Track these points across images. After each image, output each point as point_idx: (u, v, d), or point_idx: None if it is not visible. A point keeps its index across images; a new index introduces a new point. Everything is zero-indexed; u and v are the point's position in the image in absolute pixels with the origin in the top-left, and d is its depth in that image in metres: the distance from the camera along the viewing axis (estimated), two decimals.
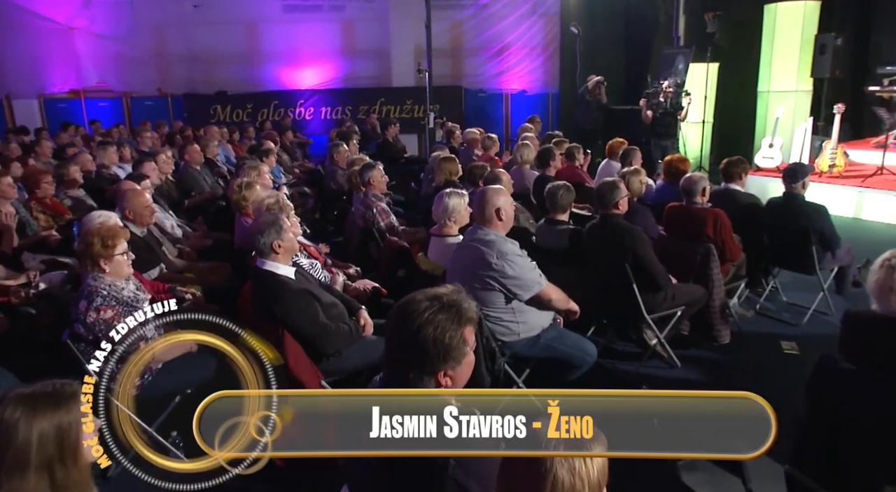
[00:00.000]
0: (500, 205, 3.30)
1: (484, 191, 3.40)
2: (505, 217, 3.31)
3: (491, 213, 3.29)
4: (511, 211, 3.37)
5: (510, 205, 3.38)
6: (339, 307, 3.25)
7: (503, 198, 3.34)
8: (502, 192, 3.38)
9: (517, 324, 3.30)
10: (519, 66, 12.99)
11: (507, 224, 3.35)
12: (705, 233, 4.23)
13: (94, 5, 12.35)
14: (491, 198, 3.32)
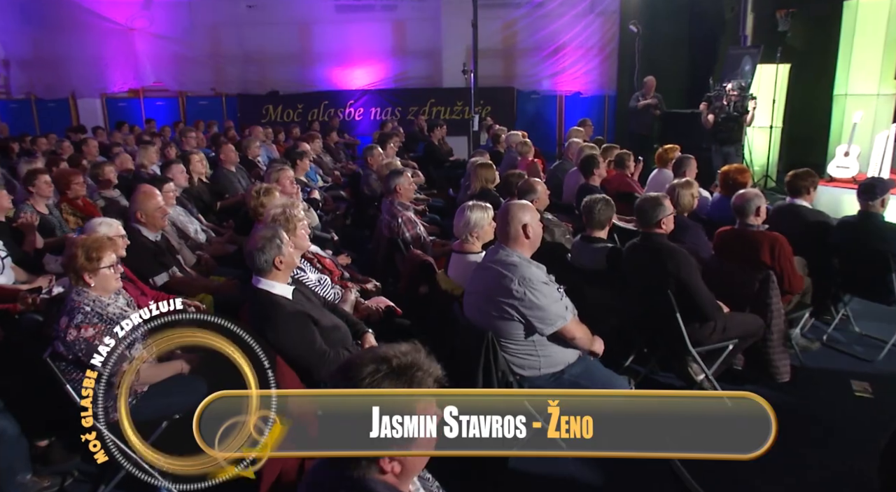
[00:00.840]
0: (526, 221, 2.94)
1: (508, 205, 3.05)
2: (532, 235, 2.95)
3: (516, 230, 2.94)
4: (539, 229, 3.01)
5: (538, 222, 3.01)
6: (341, 331, 2.97)
7: (530, 214, 2.98)
8: (529, 208, 3.01)
9: (538, 358, 2.94)
10: (574, 67, 12.48)
11: (535, 244, 2.99)
12: (761, 260, 3.74)
13: (153, 6, 12.60)
14: (516, 214, 2.96)
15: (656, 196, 3.47)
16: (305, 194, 5.97)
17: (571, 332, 2.89)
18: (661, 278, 3.36)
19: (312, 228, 5.06)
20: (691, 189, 4.35)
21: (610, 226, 3.92)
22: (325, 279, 3.50)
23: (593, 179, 5.37)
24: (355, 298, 3.52)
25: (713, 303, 3.40)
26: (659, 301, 3.39)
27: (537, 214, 3.03)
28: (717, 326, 3.50)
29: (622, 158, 6.29)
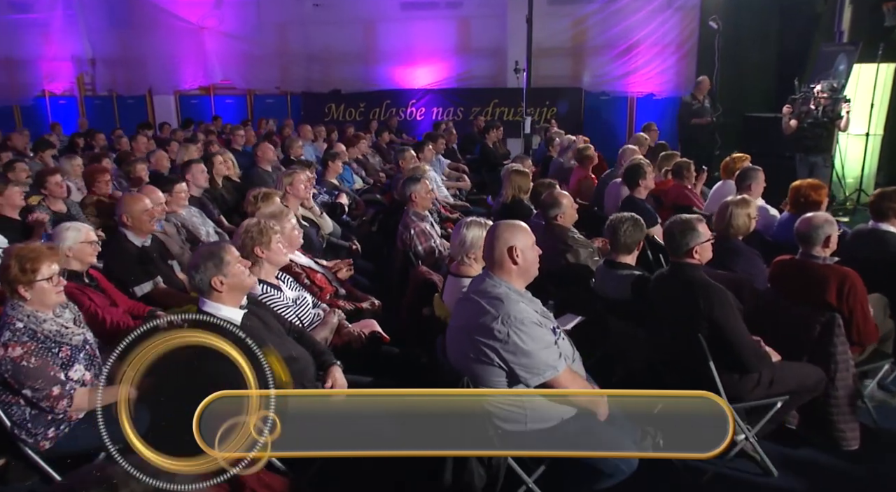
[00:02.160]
0: (512, 244, 2.46)
1: (495, 225, 2.58)
2: (521, 261, 2.47)
3: (500, 254, 2.47)
4: (532, 255, 2.51)
5: (531, 246, 2.52)
6: (300, 363, 2.60)
7: (520, 236, 2.49)
8: (519, 228, 2.52)
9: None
10: (648, 67, 11.63)
11: (525, 272, 2.51)
12: (826, 299, 3.07)
13: (224, 5, 12.81)
14: (501, 234, 2.50)
15: (688, 219, 2.88)
16: (331, 198, 5.68)
17: (563, 385, 2.39)
18: (691, 318, 2.78)
19: (328, 236, 4.75)
20: (748, 208, 3.69)
21: (639, 250, 3.35)
22: (305, 299, 3.14)
23: (639, 191, 4.75)
24: (338, 321, 3.14)
25: (755, 351, 2.79)
26: (689, 344, 2.81)
27: (531, 237, 2.53)
28: (762, 379, 2.88)
29: (681, 167, 5.61)
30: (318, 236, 4.61)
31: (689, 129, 9.00)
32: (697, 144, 8.63)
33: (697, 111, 8.88)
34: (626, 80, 11.87)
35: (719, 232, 3.80)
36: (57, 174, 4.94)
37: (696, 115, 8.87)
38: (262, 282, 2.97)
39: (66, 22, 13.78)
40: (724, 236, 3.75)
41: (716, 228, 3.83)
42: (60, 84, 14.40)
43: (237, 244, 3.01)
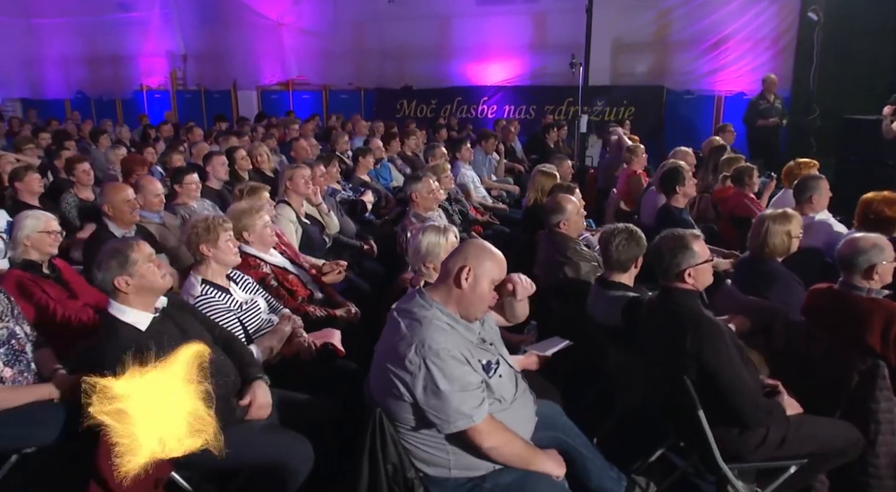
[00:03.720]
0: (469, 265, 2.06)
1: (467, 241, 2.21)
2: (468, 286, 2.05)
3: (450, 269, 2.09)
4: (486, 287, 2.06)
5: (492, 279, 2.09)
6: (215, 377, 2.34)
7: (487, 263, 2.08)
8: (489, 256, 2.10)
9: (446, 455, 2.07)
10: (739, 63, 10.62)
11: (469, 301, 2.08)
12: (867, 341, 2.45)
13: (302, 2, 13.01)
14: (465, 250, 2.13)
15: (681, 235, 2.35)
16: (356, 195, 5.46)
17: (481, 439, 1.99)
18: (677, 357, 2.28)
19: (336, 235, 4.54)
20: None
21: (637, 268, 2.84)
22: (256, 303, 2.89)
23: (676, 199, 4.17)
24: (290, 329, 2.88)
25: (755, 402, 2.24)
26: (676, 388, 2.31)
27: (496, 270, 2.10)
28: (770, 437, 2.33)
29: (742, 173, 4.94)
30: (322, 235, 4.39)
31: (755, 131, 8.12)
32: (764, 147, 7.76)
33: (764, 111, 8.00)
34: (714, 77, 10.92)
35: (752, 251, 3.23)
36: (85, 162, 5.03)
37: (762, 116, 7.99)
38: (206, 282, 2.76)
39: (162, 20, 14.55)
40: (759, 257, 3.17)
41: (749, 245, 3.26)
42: (156, 79, 15.27)
43: (183, 241, 2.83)
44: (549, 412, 2.55)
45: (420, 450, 2.08)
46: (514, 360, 2.75)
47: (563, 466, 2.17)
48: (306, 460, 2.29)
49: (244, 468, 2.37)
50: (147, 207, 4.01)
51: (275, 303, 3.08)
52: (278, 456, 2.27)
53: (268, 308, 2.99)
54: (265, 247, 3.31)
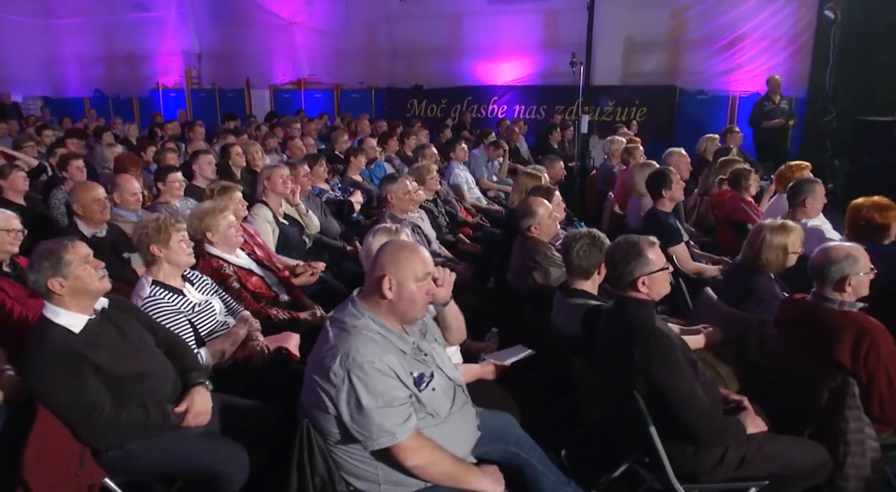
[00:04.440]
0: (387, 273, 1.96)
1: (384, 244, 2.11)
2: (394, 296, 1.96)
3: (370, 280, 2.00)
4: (413, 289, 1.97)
5: (417, 279, 1.99)
6: (151, 381, 2.30)
7: (404, 264, 1.98)
8: (407, 254, 2.01)
9: (375, 470, 1.99)
10: (754, 63, 10.33)
11: (400, 310, 2.00)
12: (836, 355, 2.31)
13: (315, 2, 13.01)
14: (381, 257, 2.02)
15: (635, 242, 2.23)
16: (345, 195, 5.40)
17: (405, 458, 1.90)
18: (627, 371, 2.16)
19: (317, 235, 4.48)
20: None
21: (602, 275, 2.71)
22: (211, 305, 2.83)
23: (662, 203, 4.02)
24: (245, 333, 2.82)
25: (708, 420, 2.11)
26: (628, 403, 2.20)
27: (419, 266, 2.00)
28: (728, 457, 2.20)
29: (738, 175, 4.77)
30: (301, 236, 4.33)
31: (761, 133, 7.91)
32: (771, 149, 7.55)
33: (769, 113, 7.78)
34: (729, 77, 10.64)
35: (745, 260, 3.06)
36: (79, 159, 5.04)
37: (767, 118, 7.77)
38: (157, 283, 2.70)
39: (178, 19, 14.68)
40: (750, 268, 3.00)
41: (743, 253, 3.09)
42: (171, 77, 15.42)
43: (134, 241, 2.78)
44: (501, 424, 2.45)
45: (349, 463, 2.00)
46: (467, 369, 2.66)
47: (500, 483, 2.06)
48: (241, 469, 2.23)
49: (177, 476, 2.31)
50: (123, 206, 3.99)
51: (234, 305, 3.03)
52: (212, 465, 2.21)
53: (224, 310, 2.93)
54: (230, 248, 3.26)
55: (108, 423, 2.13)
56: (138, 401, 2.22)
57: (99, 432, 2.13)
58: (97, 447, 2.15)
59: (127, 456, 2.22)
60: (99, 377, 2.16)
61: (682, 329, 2.92)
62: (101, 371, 2.17)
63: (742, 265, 3.05)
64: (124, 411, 2.17)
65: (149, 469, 2.27)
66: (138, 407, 2.20)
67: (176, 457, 2.24)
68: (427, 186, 4.79)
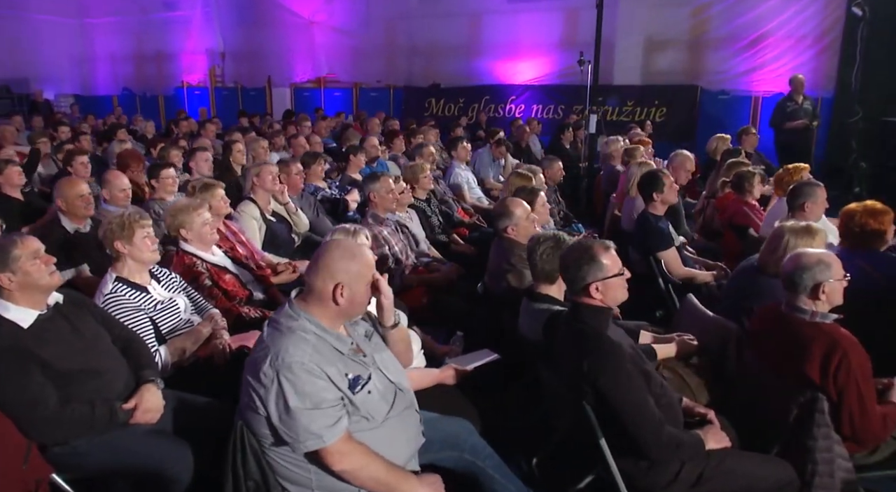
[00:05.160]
0: (340, 280, 1.91)
1: (325, 245, 2.05)
2: (345, 301, 1.92)
3: (322, 286, 1.93)
4: (361, 287, 1.94)
5: (364, 276, 1.96)
6: (103, 378, 2.29)
7: (353, 265, 1.93)
8: (353, 253, 1.96)
9: (308, 474, 1.94)
10: (779, 62, 10.04)
11: (347, 311, 1.97)
12: (805, 369, 2.18)
13: (334, 1, 13.07)
14: (328, 262, 1.95)
15: (588, 246, 2.13)
16: (342, 193, 5.37)
17: (333, 461, 1.85)
18: (576, 381, 2.07)
19: (307, 234, 4.47)
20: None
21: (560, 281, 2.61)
22: (175, 303, 2.82)
23: (654, 206, 3.89)
24: (209, 332, 2.80)
25: (657, 434, 2.01)
26: (580, 414, 2.11)
27: (365, 265, 1.96)
28: (684, 473, 2.09)
29: (742, 178, 4.61)
30: (290, 233, 4.32)
31: (783, 134, 7.66)
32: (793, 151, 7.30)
33: (792, 113, 7.52)
34: (751, 76, 10.38)
35: (762, 263, 2.92)
36: (83, 155, 5.12)
37: (789, 118, 7.52)
38: (120, 280, 2.70)
39: (203, 18, 14.92)
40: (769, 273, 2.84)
41: (761, 257, 2.95)
42: (196, 75, 15.66)
43: (100, 237, 2.78)
44: (457, 431, 2.38)
45: (282, 467, 1.96)
46: (426, 373, 2.60)
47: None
48: (186, 468, 2.20)
49: (124, 473, 2.29)
50: (112, 202, 4.03)
51: (203, 303, 3.01)
52: (157, 463, 2.19)
53: (191, 308, 2.92)
54: (205, 245, 3.25)
55: (51, 418, 2.13)
56: (87, 398, 2.21)
57: (42, 428, 2.13)
58: (41, 442, 2.15)
59: (74, 452, 2.22)
60: (46, 373, 2.16)
61: (656, 337, 2.81)
62: (48, 367, 2.17)
63: (758, 269, 2.90)
64: (69, 407, 2.17)
65: (96, 466, 2.26)
66: (84, 404, 2.19)
67: (122, 454, 2.23)
68: (420, 185, 4.74)
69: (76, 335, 2.32)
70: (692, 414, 2.34)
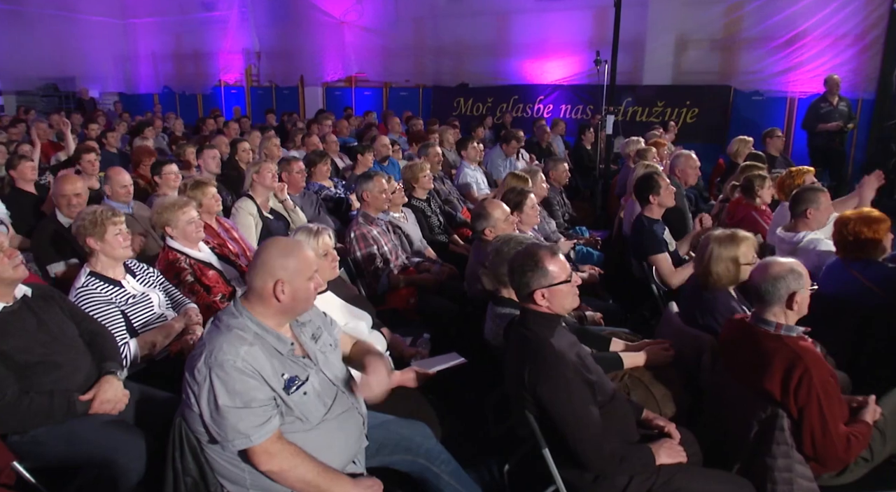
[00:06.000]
0: (279, 277, 1.91)
1: (265, 243, 2.06)
2: (287, 298, 1.92)
3: (263, 284, 1.94)
4: (303, 283, 1.93)
5: (306, 272, 1.95)
6: (64, 369, 2.34)
7: (293, 262, 1.93)
8: (292, 250, 1.96)
9: (243, 472, 1.94)
10: (816, 62, 9.63)
11: (290, 308, 1.96)
12: (765, 384, 2.08)
13: (365, 0, 13.15)
14: (268, 259, 1.96)
15: (533, 251, 2.07)
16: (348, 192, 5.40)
17: (259, 461, 1.86)
18: (519, 389, 2.02)
19: None
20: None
21: None
22: (149, 297, 2.87)
23: (650, 209, 3.78)
24: (181, 327, 2.84)
25: (598, 447, 1.94)
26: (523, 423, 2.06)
27: (301, 260, 1.96)
28: (631, 488, 2.02)
29: (751, 181, 4.45)
30: (287, 231, 4.35)
31: (816, 137, 7.36)
32: (826, 154, 7.01)
33: (825, 115, 7.21)
34: (787, 77, 9.98)
35: (697, 275, 2.84)
36: (92, 153, 5.27)
37: (822, 120, 7.21)
38: (94, 274, 2.77)
39: (240, 19, 15.21)
40: (703, 284, 2.77)
41: (695, 269, 2.87)
42: (233, 75, 15.99)
43: (74, 232, 2.85)
44: (411, 434, 2.36)
45: (219, 464, 1.97)
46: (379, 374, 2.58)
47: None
48: (137, 457, 2.23)
49: (79, 463, 2.34)
50: (114, 198, 4.14)
51: (180, 298, 3.06)
52: (109, 452, 2.23)
53: (166, 303, 2.97)
54: (190, 242, 3.30)
55: (8, 408, 2.19)
56: (46, 389, 2.27)
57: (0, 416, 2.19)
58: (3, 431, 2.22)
59: (33, 441, 2.28)
60: (6, 364, 2.23)
61: (628, 345, 2.73)
62: (8, 358, 2.23)
63: (695, 281, 2.81)
64: (28, 397, 2.22)
65: (54, 455, 2.31)
66: (43, 394, 2.25)
67: (77, 443, 2.28)
68: (420, 184, 4.72)
69: (41, 328, 2.38)
70: (652, 426, 2.26)
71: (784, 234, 3.60)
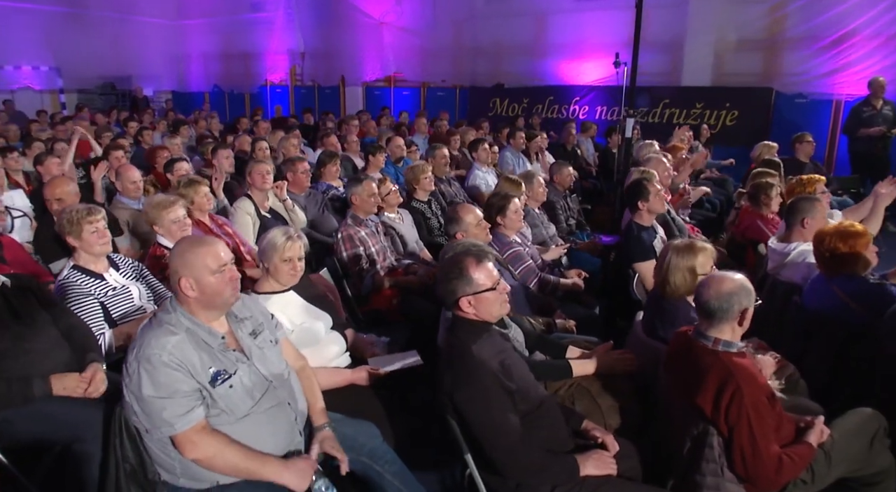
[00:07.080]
0: (182, 274, 2.04)
1: (174, 246, 2.18)
2: (196, 293, 2.03)
3: (173, 283, 2.08)
4: (210, 280, 2.02)
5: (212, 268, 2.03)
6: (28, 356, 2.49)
7: (193, 260, 2.04)
8: (195, 248, 2.06)
9: (172, 459, 2.03)
10: (864, 63, 9.18)
11: (208, 301, 2.06)
12: (697, 400, 2.03)
13: (404, 1, 13.28)
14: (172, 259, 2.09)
15: (459, 259, 2.07)
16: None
17: (184, 449, 1.95)
18: (440, 395, 2.04)
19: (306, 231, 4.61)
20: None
21: None
22: (129, 290, 3.01)
23: (640, 215, 3.71)
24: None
25: (514, 457, 1.94)
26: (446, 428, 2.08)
27: (211, 258, 2.03)
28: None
29: (759, 189, 4.31)
30: None
31: (857, 142, 7.00)
32: (868, 160, 6.68)
33: (867, 119, 6.85)
34: (833, 79, 9.55)
35: (656, 285, 2.79)
36: (119, 150, 5.53)
37: (864, 125, 6.85)
38: (76, 268, 2.93)
39: (286, 19, 15.60)
40: (661, 293, 2.72)
41: (654, 277, 2.82)
42: (278, 74, 16.41)
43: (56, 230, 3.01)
44: (355, 433, 2.41)
45: (154, 452, 2.06)
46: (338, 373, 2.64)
47: (306, 477, 2.03)
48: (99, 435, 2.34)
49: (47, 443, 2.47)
50: (125, 193, 4.34)
51: (163, 291, 3.19)
52: (73, 429, 2.34)
53: (148, 297, 3.10)
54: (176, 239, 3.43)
55: None
56: (9, 375, 2.41)
57: None
58: None
59: (3, 420, 2.42)
60: None
61: (583, 353, 2.70)
62: None
63: (655, 292, 2.76)
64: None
65: (22, 435, 2.45)
66: (2, 381, 2.39)
67: (44, 423, 2.41)
68: (421, 186, 4.76)
69: (12, 317, 2.53)
70: (587, 436, 2.23)
71: (777, 244, 3.48)
